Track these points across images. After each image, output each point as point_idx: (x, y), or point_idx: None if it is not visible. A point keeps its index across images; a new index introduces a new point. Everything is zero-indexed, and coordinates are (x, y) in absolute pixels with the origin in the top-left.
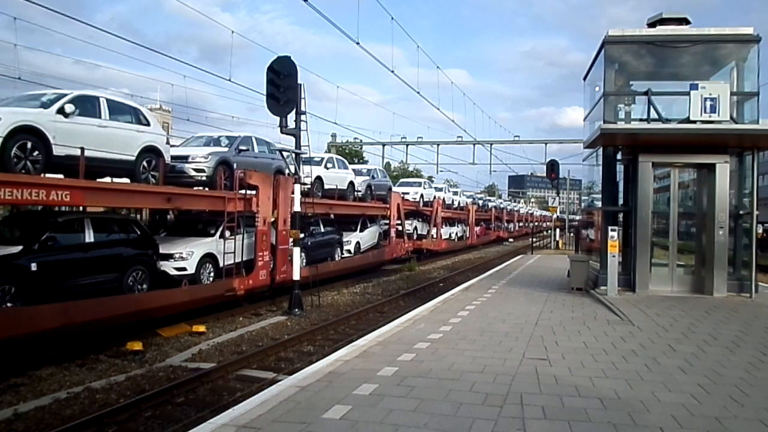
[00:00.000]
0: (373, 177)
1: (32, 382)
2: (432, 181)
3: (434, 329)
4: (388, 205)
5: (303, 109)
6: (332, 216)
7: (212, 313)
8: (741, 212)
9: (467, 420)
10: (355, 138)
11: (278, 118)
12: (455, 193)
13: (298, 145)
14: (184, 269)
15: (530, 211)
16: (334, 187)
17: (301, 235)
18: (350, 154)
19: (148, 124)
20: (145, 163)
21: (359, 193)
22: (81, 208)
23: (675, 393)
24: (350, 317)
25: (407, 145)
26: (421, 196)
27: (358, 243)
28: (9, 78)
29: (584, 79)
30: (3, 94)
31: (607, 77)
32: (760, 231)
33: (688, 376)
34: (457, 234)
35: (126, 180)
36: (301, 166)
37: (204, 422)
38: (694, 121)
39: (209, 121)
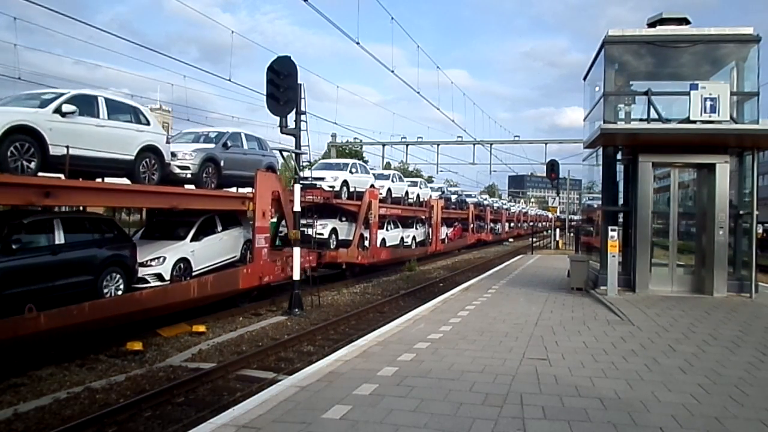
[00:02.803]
0: (225, 146)
1: (32, 382)
2: (431, 180)
3: (434, 329)
4: (251, 194)
5: (303, 109)
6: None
7: (212, 313)
8: (741, 212)
9: (467, 420)
10: (355, 138)
11: (278, 118)
12: (413, 184)
13: (298, 145)
14: None
15: (523, 210)
16: (93, 154)
17: None
18: (350, 154)
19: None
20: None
21: (186, 173)
22: None
23: (675, 393)
24: (350, 317)
25: (407, 145)
26: (345, 183)
27: (184, 261)
28: (9, 78)
29: (584, 79)
30: (3, 94)
31: (607, 77)
32: (760, 231)
33: (688, 376)
34: (414, 238)
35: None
36: (301, 164)
37: (204, 422)
38: (694, 121)
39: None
